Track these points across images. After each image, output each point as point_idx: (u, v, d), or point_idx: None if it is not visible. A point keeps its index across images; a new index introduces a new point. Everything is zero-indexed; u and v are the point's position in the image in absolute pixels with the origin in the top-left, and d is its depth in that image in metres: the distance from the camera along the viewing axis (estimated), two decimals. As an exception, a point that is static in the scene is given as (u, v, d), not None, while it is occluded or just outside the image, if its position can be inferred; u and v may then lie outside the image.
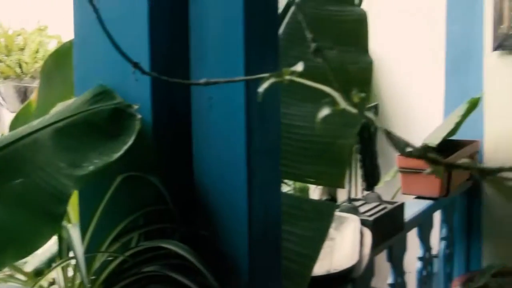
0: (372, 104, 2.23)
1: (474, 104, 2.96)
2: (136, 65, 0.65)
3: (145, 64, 1.27)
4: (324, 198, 2.83)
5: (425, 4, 3.40)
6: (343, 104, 0.47)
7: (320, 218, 1.51)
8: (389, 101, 3.50)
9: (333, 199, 2.80)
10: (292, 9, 1.69)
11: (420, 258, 2.80)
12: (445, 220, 3.10)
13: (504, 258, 3.20)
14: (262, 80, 0.60)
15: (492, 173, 0.42)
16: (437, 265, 3.07)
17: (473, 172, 0.44)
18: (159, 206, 1.27)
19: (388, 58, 3.49)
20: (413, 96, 3.46)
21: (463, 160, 0.45)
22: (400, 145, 0.44)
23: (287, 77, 0.54)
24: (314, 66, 1.58)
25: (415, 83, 3.45)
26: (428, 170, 0.46)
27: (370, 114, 0.48)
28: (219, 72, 1.26)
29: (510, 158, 3.14)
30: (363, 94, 0.47)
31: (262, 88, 0.55)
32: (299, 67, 0.54)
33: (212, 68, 1.27)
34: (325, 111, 0.48)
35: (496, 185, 0.43)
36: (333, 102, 0.53)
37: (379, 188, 2.65)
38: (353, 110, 0.46)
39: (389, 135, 0.44)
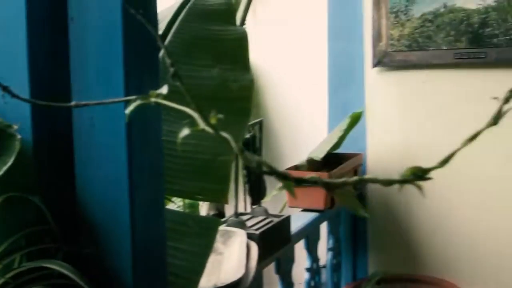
0: (257, 120, 2.28)
1: (356, 119, 3.07)
2: (5, 88, 0.66)
3: (25, 85, 1.27)
4: (212, 213, 2.86)
5: (308, 20, 3.50)
6: (202, 124, 0.51)
7: (205, 233, 1.53)
8: (275, 116, 3.58)
9: (221, 214, 2.84)
10: (175, 27, 1.72)
11: (308, 269, 2.88)
12: (332, 231, 3.19)
13: (388, 265, 3.34)
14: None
15: (338, 187, 0.46)
16: (325, 275, 3.16)
17: (320, 186, 0.48)
18: (41, 226, 1.27)
19: (274, 73, 3.58)
20: (299, 111, 3.55)
21: (311, 175, 0.49)
22: (252, 162, 0.48)
23: (153, 99, 0.57)
24: (197, 84, 1.62)
25: (300, 98, 3.55)
26: (279, 186, 0.50)
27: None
28: (100, 92, 1.28)
29: (392, 170, 3.28)
30: (220, 115, 0.51)
31: (128, 110, 0.58)
32: (164, 89, 0.57)
33: (93, 88, 1.29)
34: (185, 131, 0.52)
35: (343, 198, 0.48)
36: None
37: (266, 202, 2.71)
38: (211, 130, 0.50)
39: (242, 154, 0.48)
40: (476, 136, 0.44)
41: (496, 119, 0.43)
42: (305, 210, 2.89)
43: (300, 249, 2.82)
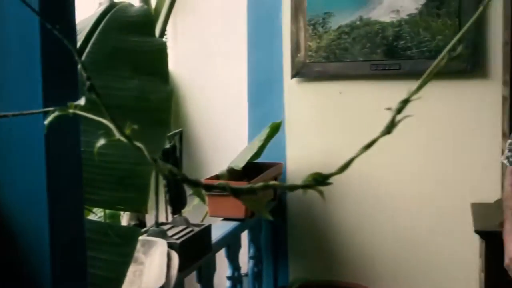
0: (177, 131, 2.30)
1: (275, 129, 3.13)
2: None
3: None
4: (133, 223, 2.86)
5: (228, 32, 3.54)
6: (117, 135, 0.53)
7: (124, 243, 1.55)
8: (197, 126, 3.60)
9: (142, 224, 2.84)
10: (94, 38, 1.73)
11: (229, 278, 2.91)
12: (252, 240, 3.24)
13: (309, 272, 3.41)
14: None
15: (245, 193, 0.49)
16: (246, 283, 3.20)
17: (229, 192, 0.51)
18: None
19: (195, 84, 3.60)
20: (220, 121, 3.58)
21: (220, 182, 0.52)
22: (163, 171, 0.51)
23: (71, 111, 0.59)
24: (116, 95, 1.63)
25: (221, 108, 3.58)
26: (190, 192, 0.53)
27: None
28: (19, 103, 1.28)
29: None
30: (135, 126, 0.53)
31: (47, 121, 0.60)
32: (82, 101, 0.59)
33: (12, 99, 1.29)
34: (101, 142, 0.54)
35: (250, 203, 0.51)
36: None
37: (188, 212, 2.73)
38: (125, 141, 0.52)
39: (155, 163, 0.51)
40: (371, 145, 0.49)
41: (389, 128, 0.48)
42: (226, 219, 2.92)
43: (221, 258, 2.85)
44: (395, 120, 0.47)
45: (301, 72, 3.33)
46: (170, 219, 2.45)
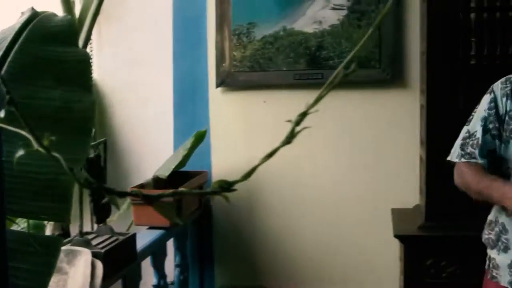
0: (101, 140, 2.31)
1: (200, 137, 3.15)
2: None
3: None
4: (57, 233, 2.84)
5: (154, 41, 3.54)
6: (35, 145, 0.55)
7: (47, 253, 1.55)
8: (122, 135, 3.59)
9: (66, 233, 2.82)
10: (16, 48, 1.73)
11: (155, 286, 2.92)
12: (178, 248, 3.25)
13: (235, 278, 3.45)
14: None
15: (157, 199, 0.52)
16: (173, 291, 3.22)
17: (141, 200, 0.54)
18: None
19: (121, 93, 3.59)
20: (145, 130, 3.58)
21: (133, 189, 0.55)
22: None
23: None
24: (38, 105, 1.63)
25: (146, 117, 3.57)
26: (105, 199, 0.56)
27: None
28: None
29: (236, 187, 3.39)
30: (53, 137, 0.56)
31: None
32: (1, 113, 0.61)
33: None
34: (20, 152, 0.56)
35: (161, 209, 0.54)
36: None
37: (114, 221, 2.73)
38: (43, 151, 0.55)
39: (72, 172, 0.53)
40: (273, 153, 0.53)
41: (289, 139, 0.52)
42: (151, 227, 2.93)
43: (147, 266, 2.86)
44: (294, 131, 0.51)
45: (226, 81, 3.37)
46: (96, 228, 2.45)
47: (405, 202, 3.26)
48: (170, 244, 3.22)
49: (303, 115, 0.52)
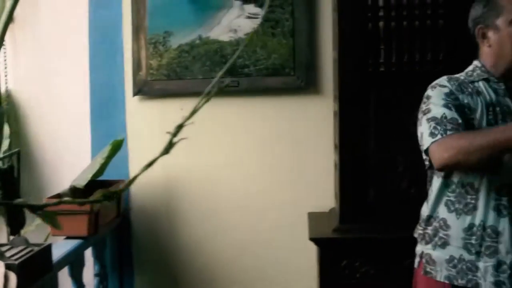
0: (14, 151, 2.29)
1: (117, 146, 3.14)
2: None
3: None
4: (-31, 245, 2.79)
5: (70, 49, 3.51)
6: None
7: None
8: (38, 145, 3.54)
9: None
10: None
11: (74, 296, 2.91)
12: (97, 257, 3.24)
13: (154, 286, 3.47)
14: None
15: (39, 208, 0.55)
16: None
17: (28, 209, 0.56)
18: None
19: (36, 102, 3.54)
20: (62, 140, 3.54)
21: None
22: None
23: None
24: None
25: (63, 126, 3.53)
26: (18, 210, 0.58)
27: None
28: None
29: (156, 194, 3.41)
30: None
31: None
32: None
33: None
34: None
35: (44, 218, 0.56)
36: None
37: (31, 232, 2.71)
38: None
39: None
40: (152, 164, 0.56)
41: (167, 150, 0.55)
42: (69, 237, 2.91)
43: (66, 277, 2.84)
44: (172, 142, 0.55)
45: (143, 89, 3.38)
46: (7, 240, 2.43)
47: (322, 206, 3.34)
48: (89, 254, 3.20)
49: (180, 127, 0.55)
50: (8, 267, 2.11)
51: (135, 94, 3.38)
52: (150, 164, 0.55)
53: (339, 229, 2.94)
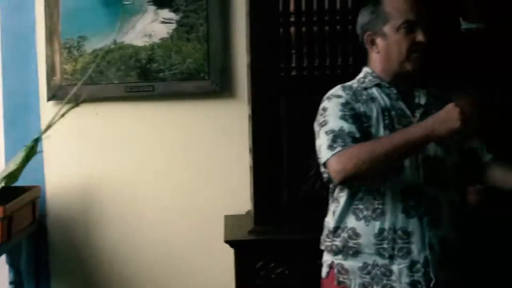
0: None
1: (31, 151, 3.11)
2: None
3: None
4: None
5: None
6: None
7: None
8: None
9: None
10: None
11: (-13, 305, 2.86)
12: (12, 264, 3.20)
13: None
14: None
15: None
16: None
17: None
18: None
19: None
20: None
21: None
22: None
23: None
24: None
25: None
26: None
27: None
28: None
29: (73, 200, 3.40)
30: None
31: None
32: None
33: None
34: None
35: None
36: None
37: None
38: None
39: None
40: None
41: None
42: (-18, 245, 2.88)
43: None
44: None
45: (57, 94, 3.35)
46: None
47: (240, 209, 3.38)
48: (3, 261, 3.16)
49: (36, 141, 0.58)
50: None
51: (49, 99, 3.36)
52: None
53: (254, 231, 2.98)
